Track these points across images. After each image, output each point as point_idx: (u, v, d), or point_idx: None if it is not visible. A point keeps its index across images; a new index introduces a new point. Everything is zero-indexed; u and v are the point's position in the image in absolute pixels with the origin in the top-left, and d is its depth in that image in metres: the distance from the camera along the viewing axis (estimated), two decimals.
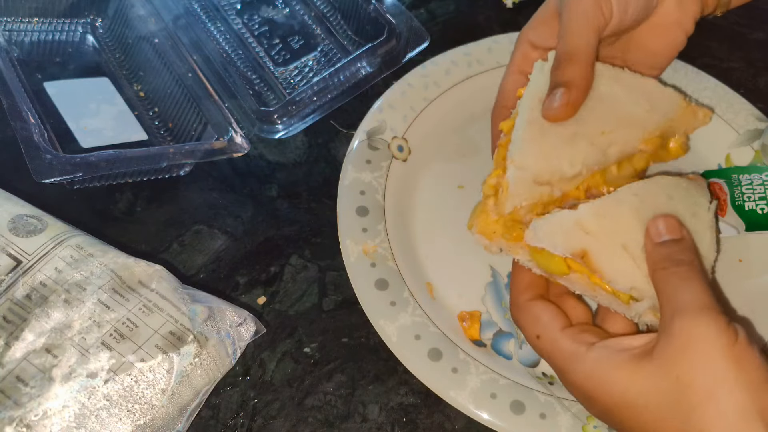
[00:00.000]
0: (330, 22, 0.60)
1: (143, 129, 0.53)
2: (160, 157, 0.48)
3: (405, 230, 0.49)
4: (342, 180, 0.50)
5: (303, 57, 0.58)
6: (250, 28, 0.59)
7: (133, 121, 0.54)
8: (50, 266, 0.40)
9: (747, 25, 0.64)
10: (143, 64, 0.56)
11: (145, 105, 0.55)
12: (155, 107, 0.55)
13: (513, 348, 0.45)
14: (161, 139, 0.53)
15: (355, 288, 0.45)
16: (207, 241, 0.49)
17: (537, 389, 0.43)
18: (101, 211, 0.50)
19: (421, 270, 0.48)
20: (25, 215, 0.42)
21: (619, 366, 0.34)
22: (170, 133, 0.54)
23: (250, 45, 0.58)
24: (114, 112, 0.54)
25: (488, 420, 0.41)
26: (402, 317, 0.44)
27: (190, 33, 0.56)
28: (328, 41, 0.59)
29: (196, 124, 0.53)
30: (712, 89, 0.56)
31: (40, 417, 0.36)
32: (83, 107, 0.53)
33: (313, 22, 0.60)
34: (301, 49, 0.59)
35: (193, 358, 0.39)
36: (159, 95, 0.55)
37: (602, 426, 0.41)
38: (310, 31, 0.60)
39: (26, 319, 0.38)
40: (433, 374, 0.42)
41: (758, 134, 0.54)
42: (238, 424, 0.42)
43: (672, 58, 0.48)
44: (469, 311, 0.47)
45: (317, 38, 0.59)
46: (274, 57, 0.58)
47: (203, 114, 0.52)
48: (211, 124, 0.52)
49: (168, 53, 0.55)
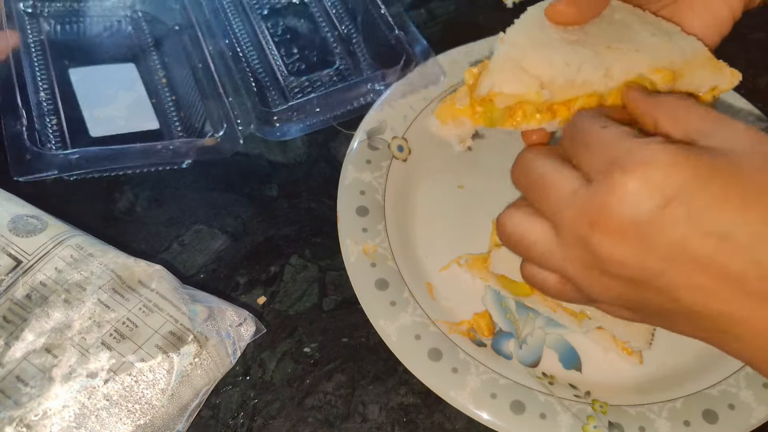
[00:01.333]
0: (352, 43, 0.60)
1: (157, 118, 0.54)
2: (145, 154, 0.48)
3: (405, 230, 0.49)
4: (342, 180, 0.50)
5: (317, 71, 0.58)
6: (271, 34, 0.60)
7: (148, 109, 0.54)
8: (50, 266, 0.40)
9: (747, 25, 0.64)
10: (170, 52, 0.57)
11: (165, 93, 0.56)
12: (173, 95, 0.56)
13: (513, 348, 0.45)
14: (173, 129, 0.54)
15: (355, 288, 0.45)
16: (207, 241, 0.49)
17: (537, 389, 0.43)
18: (101, 211, 0.50)
19: (421, 270, 0.48)
20: (25, 215, 0.42)
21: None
22: (181, 123, 0.54)
23: (268, 49, 0.59)
24: (131, 100, 0.55)
25: (488, 420, 0.41)
26: (402, 317, 0.44)
27: (212, 27, 0.57)
28: (346, 61, 0.59)
29: (200, 116, 0.53)
30: None
31: (40, 417, 0.36)
32: (101, 94, 0.54)
33: (335, 41, 0.60)
34: (317, 63, 0.59)
35: (193, 358, 0.39)
36: (177, 84, 0.56)
37: (602, 426, 0.41)
38: (330, 48, 0.60)
39: (26, 319, 0.38)
40: (433, 374, 0.42)
41: None
42: (238, 424, 0.42)
43: (713, 44, 0.40)
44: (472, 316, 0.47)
45: (335, 56, 0.59)
46: (288, 65, 0.58)
47: (205, 108, 0.53)
48: (210, 118, 0.52)
49: (189, 44, 0.56)
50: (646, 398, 0.43)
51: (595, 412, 0.42)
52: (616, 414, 0.42)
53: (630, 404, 0.43)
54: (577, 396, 0.43)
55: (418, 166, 0.52)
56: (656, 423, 0.42)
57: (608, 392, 0.43)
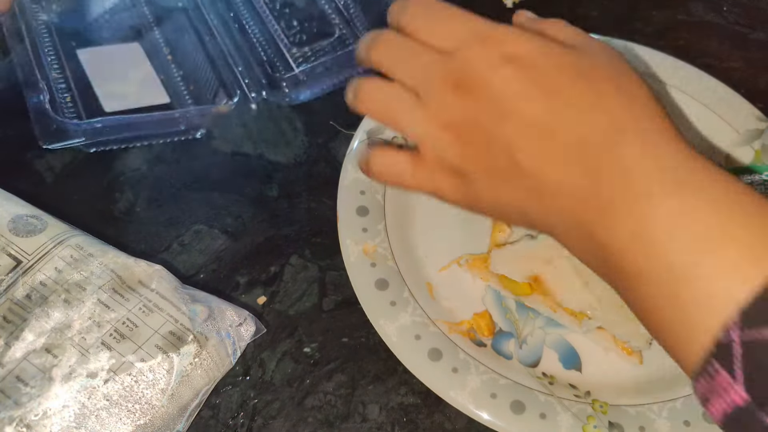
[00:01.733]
0: (349, 13, 0.61)
1: (167, 93, 0.56)
2: (162, 123, 0.51)
3: (405, 230, 0.49)
4: (342, 180, 0.50)
5: (318, 41, 0.60)
6: (270, 9, 0.61)
7: (157, 85, 0.56)
8: (50, 266, 0.40)
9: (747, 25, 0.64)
10: (174, 29, 0.59)
11: (171, 69, 0.58)
12: (181, 70, 0.58)
13: (513, 348, 0.45)
14: (183, 102, 0.56)
15: (355, 288, 0.45)
16: (207, 241, 0.49)
17: (537, 389, 0.43)
18: (101, 211, 0.50)
19: (421, 270, 0.48)
20: (25, 215, 0.42)
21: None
22: (191, 96, 0.56)
23: (268, 21, 0.60)
24: (140, 77, 0.57)
25: (488, 420, 0.41)
26: (402, 317, 0.44)
27: (215, 2, 0.59)
28: (345, 31, 0.61)
29: (211, 87, 0.55)
30: (713, 89, 0.56)
31: (40, 417, 0.36)
32: (110, 72, 0.56)
33: (332, 11, 0.62)
34: (317, 35, 0.61)
35: (193, 358, 0.39)
36: (184, 59, 0.58)
37: (602, 426, 0.41)
38: (328, 19, 0.62)
39: (26, 319, 0.38)
40: (433, 374, 0.42)
41: (758, 134, 0.54)
42: (238, 424, 0.42)
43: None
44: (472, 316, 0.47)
45: (334, 27, 0.61)
46: (290, 37, 0.60)
47: (215, 78, 0.55)
48: (222, 88, 0.54)
49: (192, 20, 0.58)
50: (646, 398, 0.43)
51: (595, 412, 0.42)
52: (616, 414, 0.42)
53: (630, 404, 0.43)
54: (577, 396, 0.43)
55: None
56: (656, 423, 0.42)
57: (608, 392, 0.43)
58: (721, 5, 0.66)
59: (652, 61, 0.57)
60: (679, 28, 0.64)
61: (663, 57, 0.57)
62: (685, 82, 0.56)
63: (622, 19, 0.65)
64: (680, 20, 0.65)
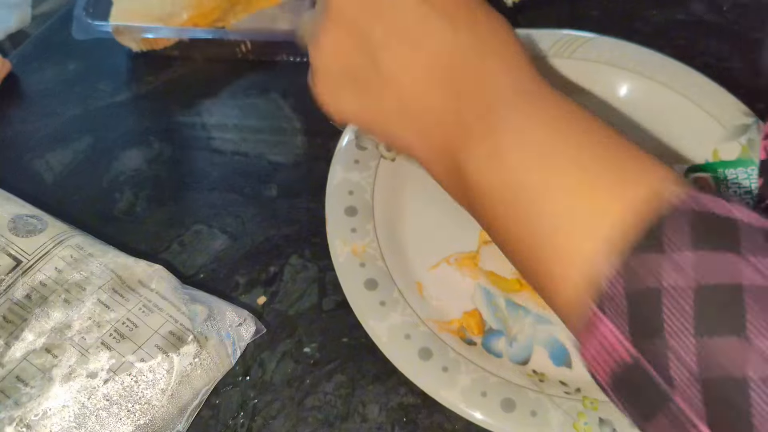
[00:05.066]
0: None
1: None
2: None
3: (394, 230, 0.49)
4: (330, 180, 0.50)
5: None
6: None
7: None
8: (50, 266, 0.40)
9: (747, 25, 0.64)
10: None
11: None
12: None
13: (503, 346, 0.45)
14: None
15: (344, 288, 0.45)
16: (207, 241, 0.49)
17: (527, 387, 0.43)
18: (101, 211, 0.50)
19: (410, 269, 0.48)
20: (25, 215, 0.42)
21: None
22: None
23: None
24: None
25: (479, 419, 0.41)
26: (392, 317, 0.44)
27: None
28: None
29: None
30: (700, 85, 0.56)
31: (40, 417, 0.36)
32: None
33: None
34: None
35: (193, 358, 0.39)
36: None
37: (593, 423, 0.41)
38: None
39: (26, 319, 0.38)
40: (423, 373, 0.42)
41: (745, 129, 0.53)
42: (238, 424, 0.42)
43: None
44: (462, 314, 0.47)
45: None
46: None
47: None
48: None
49: None
50: None
51: (586, 408, 0.42)
52: (606, 410, 0.42)
53: None
54: (568, 393, 0.43)
55: (407, 165, 0.52)
56: None
57: (598, 389, 0.43)
58: (721, 5, 0.66)
59: (639, 58, 0.57)
60: (678, 27, 0.64)
61: (650, 53, 0.57)
62: (673, 78, 0.55)
63: (622, 18, 0.65)
64: (680, 20, 0.65)
